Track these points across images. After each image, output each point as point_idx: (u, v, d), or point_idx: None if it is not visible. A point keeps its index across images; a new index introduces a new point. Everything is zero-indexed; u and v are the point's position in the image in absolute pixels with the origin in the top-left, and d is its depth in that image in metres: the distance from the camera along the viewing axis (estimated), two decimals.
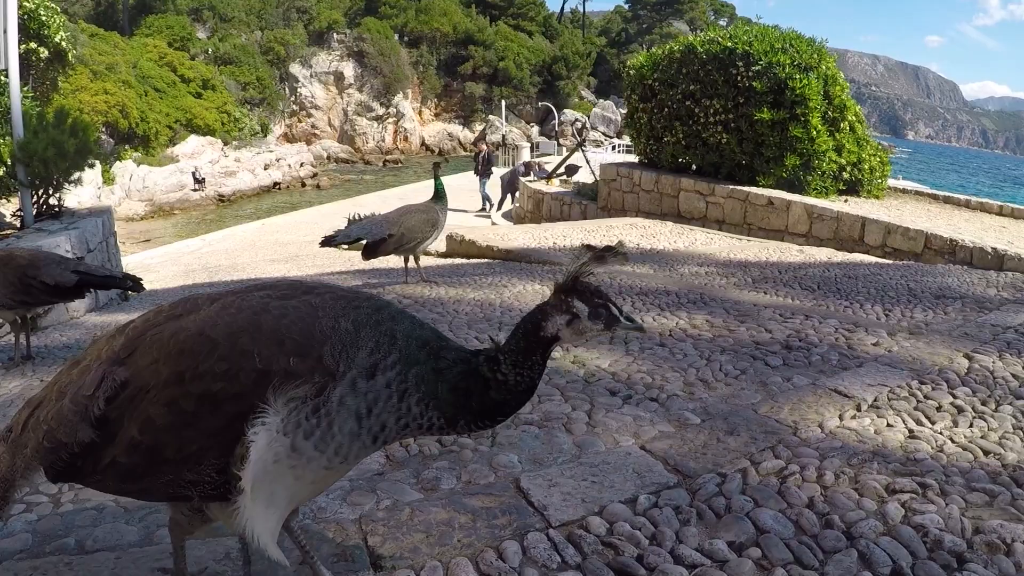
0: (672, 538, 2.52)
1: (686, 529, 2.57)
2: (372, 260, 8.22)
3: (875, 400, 3.83)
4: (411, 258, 8.11)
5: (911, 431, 3.48)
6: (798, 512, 2.67)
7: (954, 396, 3.97)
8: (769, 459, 3.08)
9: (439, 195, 8.02)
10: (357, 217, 8.03)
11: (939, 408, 3.79)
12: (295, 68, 67.14)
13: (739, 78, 15.32)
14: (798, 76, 14.93)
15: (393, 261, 9.10)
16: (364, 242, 7.73)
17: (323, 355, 1.78)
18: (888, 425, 3.54)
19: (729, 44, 15.77)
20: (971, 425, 3.60)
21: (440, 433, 1.98)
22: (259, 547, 1.88)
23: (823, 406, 3.69)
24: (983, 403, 3.90)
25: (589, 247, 1.88)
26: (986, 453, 3.28)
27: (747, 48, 15.48)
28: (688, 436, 3.34)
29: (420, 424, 1.89)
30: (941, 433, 3.48)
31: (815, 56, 15.78)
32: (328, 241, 7.72)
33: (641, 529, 2.57)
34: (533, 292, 7.27)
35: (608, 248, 1.88)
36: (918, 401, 3.87)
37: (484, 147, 30.73)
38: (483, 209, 27.58)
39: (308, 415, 1.75)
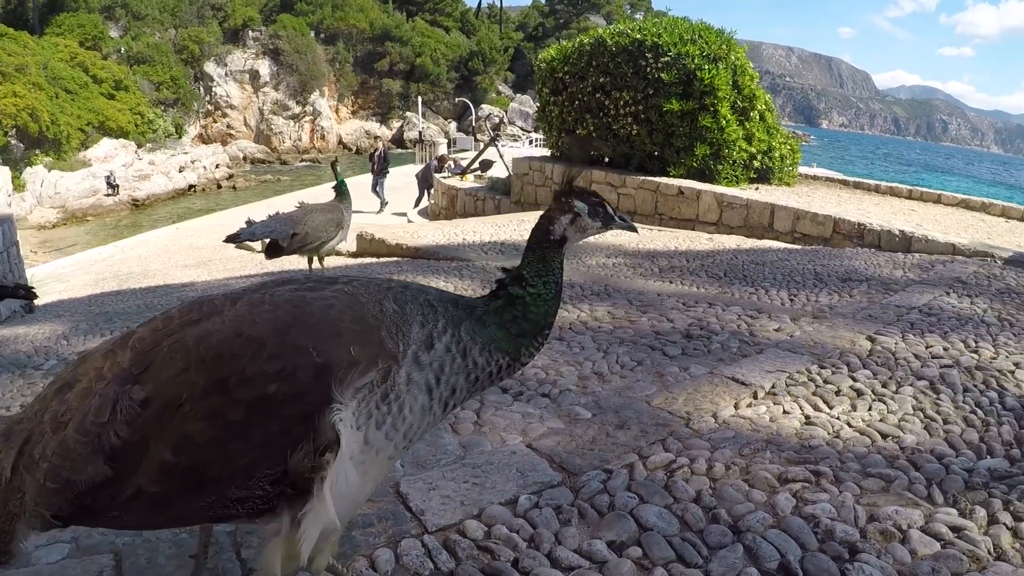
0: (551, 540, 2.43)
1: (566, 530, 2.48)
2: (277, 260, 8.03)
3: (773, 387, 3.79)
4: (315, 258, 7.93)
5: (808, 417, 3.44)
6: (684, 507, 2.60)
7: (854, 379, 3.96)
8: (658, 452, 3.01)
9: (342, 193, 7.87)
10: (251, 222, 7.83)
11: (838, 392, 3.77)
12: (210, 67, 66.13)
13: (648, 70, 15.38)
14: (707, 67, 15.02)
15: (302, 263, 8.89)
16: (268, 241, 7.57)
17: (383, 339, 1.73)
18: (784, 412, 3.50)
19: (638, 36, 15.83)
20: (870, 408, 3.58)
21: (508, 374, 1.99)
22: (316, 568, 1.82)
23: (719, 395, 3.62)
24: (884, 385, 3.90)
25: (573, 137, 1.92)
26: (884, 436, 3.27)
27: (656, 40, 15.53)
28: (577, 432, 3.24)
29: (489, 372, 1.92)
30: (839, 418, 3.45)
31: (724, 47, 15.90)
32: (233, 238, 7.54)
33: (519, 531, 2.48)
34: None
35: (587, 138, 1.97)
36: (817, 386, 3.85)
37: (380, 144, 29.74)
38: (380, 211, 26.88)
39: (378, 403, 1.70)
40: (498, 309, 1.96)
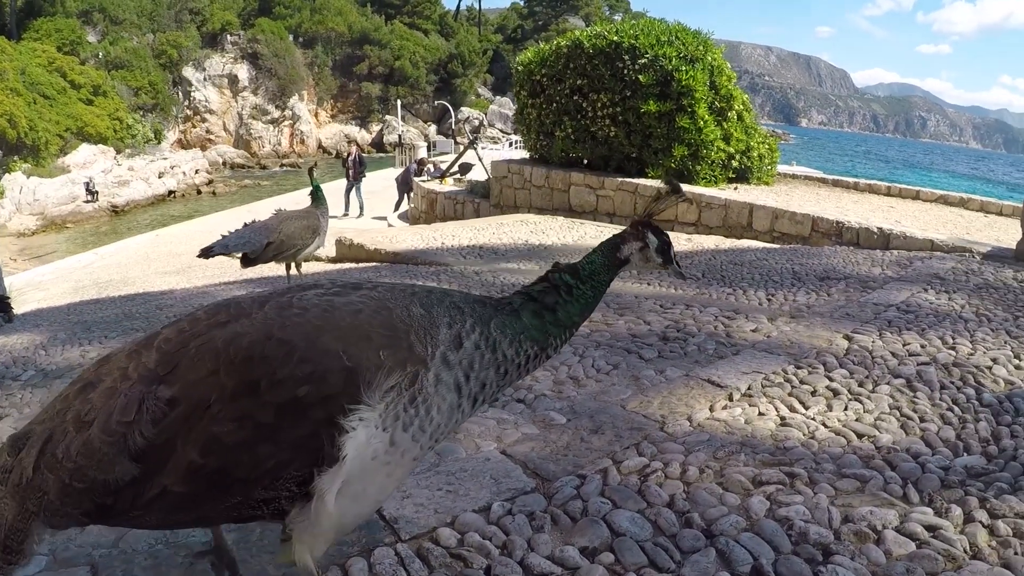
0: (523, 547, 2.40)
1: (539, 536, 2.46)
2: (255, 268, 7.95)
3: (748, 388, 3.78)
4: (292, 265, 7.86)
5: (783, 418, 3.43)
6: (657, 512, 2.58)
7: (830, 379, 3.96)
8: (632, 457, 2.99)
9: (318, 199, 7.81)
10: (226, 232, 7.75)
11: (814, 392, 3.76)
12: (188, 71, 65.63)
13: (626, 71, 15.42)
14: (684, 68, 15.09)
15: (281, 268, 8.83)
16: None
17: (412, 343, 1.75)
18: (760, 413, 3.49)
19: (615, 38, 15.86)
20: (846, 408, 3.58)
21: (535, 364, 2.00)
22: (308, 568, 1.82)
23: (694, 398, 3.61)
24: (860, 384, 3.90)
25: (656, 196, 2.14)
26: (860, 436, 3.27)
27: (633, 42, 15.57)
28: (551, 437, 3.22)
29: (518, 363, 1.94)
30: (814, 419, 3.44)
31: (701, 48, 15.98)
32: (207, 252, 7.42)
33: (492, 539, 2.45)
34: None
35: (672, 184, 2.15)
36: (793, 386, 3.84)
37: (354, 149, 29.19)
38: (348, 214, 26.49)
39: (406, 406, 1.71)
40: (541, 292, 2.01)
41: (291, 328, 1.71)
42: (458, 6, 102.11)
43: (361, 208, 26.57)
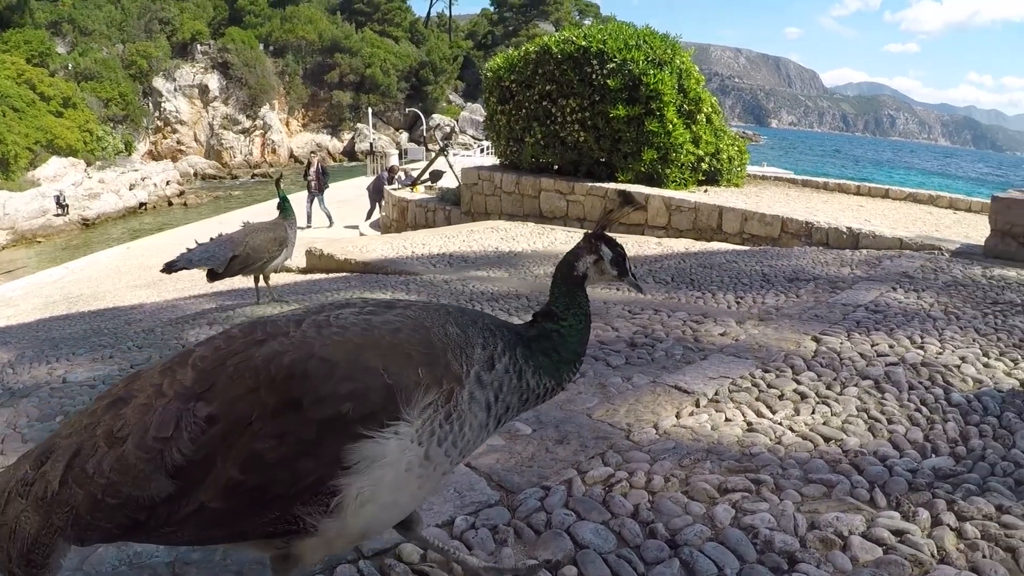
0: (486, 561, 2.36)
1: (502, 550, 2.44)
2: (227, 280, 7.88)
3: (716, 394, 3.76)
4: (260, 278, 7.79)
5: (750, 424, 3.41)
6: (621, 523, 2.55)
7: (798, 382, 3.94)
8: (597, 467, 2.96)
9: (286, 211, 7.75)
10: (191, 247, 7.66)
11: (781, 396, 3.75)
12: (159, 82, 65.14)
13: (594, 76, 15.46)
14: (652, 72, 15.13)
15: (248, 281, 8.77)
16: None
17: (449, 361, 1.81)
18: (727, 419, 3.46)
19: (583, 43, 15.89)
20: (813, 412, 3.56)
21: (551, 396, 2.10)
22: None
23: (661, 405, 3.58)
24: (828, 387, 3.89)
25: (618, 195, 2.21)
26: (827, 440, 3.24)
27: (601, 46, 15.61)
28: (517, 448, 3.18)
29: (538, 394, 2.03)
30: (781, 423, 3.42)
31: (669, 51, 16.04)
32: (170, 267, 7.33)
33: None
34: None
35: (624, 196, 2.21)
36: (760, 391, 3.82)
37: (316, 159, 28.60)
38: (310, 225, 25.75)
39: (441, 422, 1.77)
40: (535, 338, 2.05)
41: (332, 346, 1.74)
42: (428, 13, 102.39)
43: (330, 218, 26.21)
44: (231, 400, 1.68)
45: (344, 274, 10.78)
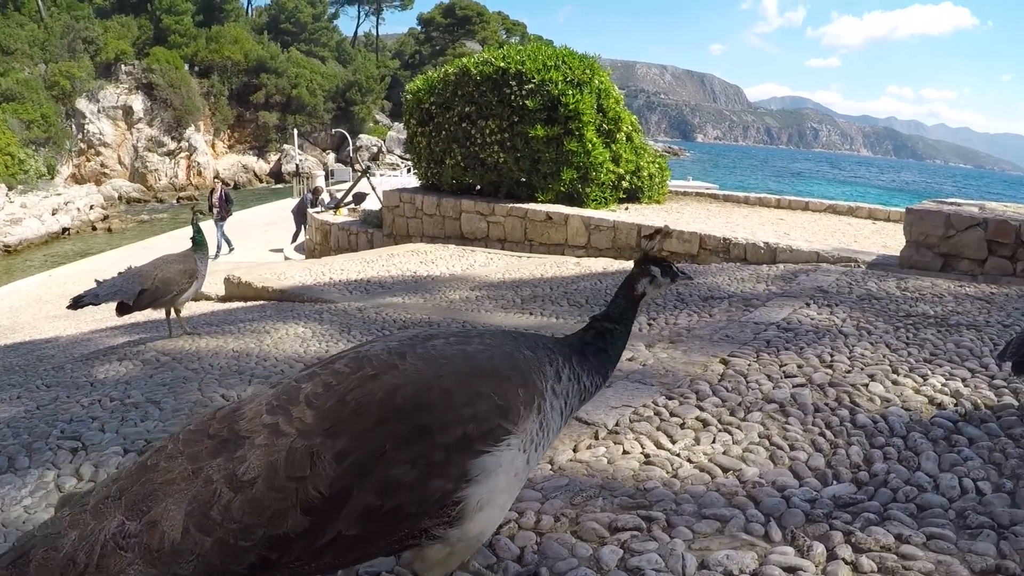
0: None
1: None
2: (144, 312, 7.69)
3: (616, 424, 3.67)
4: (172, 310, 7.62)
5: (648, 456, 3.33)
6: (505, 567, 2.48)
7: (701, 409, 3.88)
8: None
9: (198, 243, 7.59)
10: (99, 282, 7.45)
11: (683, 425, 3.67)
12: (82, 103, 63.65)
13: (513, 97, 15.45)
14: (571, 92, 15.18)
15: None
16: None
17: (534, 380, 2.06)
18: (624, 452, 3.38)
19: (502, 64, 15.90)
20: (714, 440, 3.49)
21: (599, 390, 2.40)
22: None
23: (559, 438, 3.46)
24: (732, 413, 3.82)
25: (649, 235, 2.58)
26: (725, 471, 3.17)
27: (520, 67, 15.63)
28: None
29: (591, 391, 2.33)
30: (679, 454, 3.34)
31: (588, 71, 16.09)
32: (77, 302, 7.11)
33: None
34: (294, 336, 6.95)
35: (657, 232, 2.93)
36: (662, 420, 3.75)
37: (219, 185, 27.94)
38: (230, 252, 25.52)
39: (536, 431, 2.03)
40: (590, 340, 2.36)
41: (447, 377, 1.94)
42: (356, 32, 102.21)
43: (229, 246, 25.58)
44: (360, 433, 1.80)
45: (261, 303, 10.59)
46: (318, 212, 23.53)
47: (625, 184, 16.59)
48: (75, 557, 1.65)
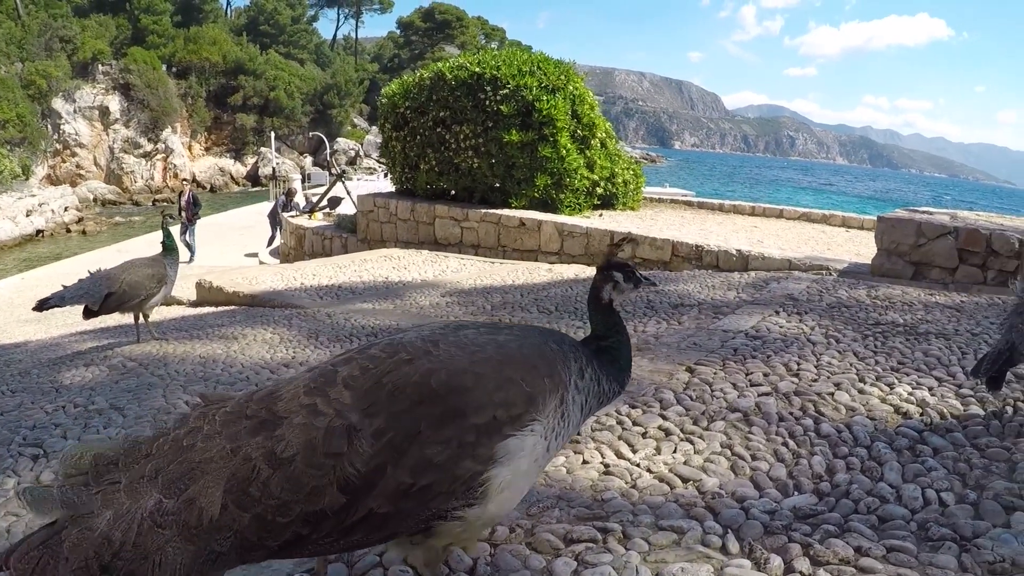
0: None
1: None
2: (113, 316, 7.60)
3: (578, 433, 3.60)
4: (140, 315, 7.54)
5: (607, 465, 3.30)
6: None
7: (664, 418, 3.85)
8: None
9: (168, 248, 7.53)
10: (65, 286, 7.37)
11: (645, 434, 3.65)
12: (58, 103, 62.97)
13: (488, 102, 15.48)
14: (545, 97, 15.23)
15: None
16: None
17: (559, 371, 2.14)
18: (584, 461, 3.35)
19: (477, 69, 15.93)
20: (675, 450, 3.47)
21: (616, 397, 2.45)
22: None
23: None
24: (695, 422, 3.80)
25: (617, 243, 2.60)
26: (685, 481, 3.14)
27: (495, 72, 15.67)
28: None
29: (608, 396, 2.38)
30: (639, 464, 3.31)
31: (563, 77, 16.14)
32: (42, 305, 7.04)
33: None
34: (261, 342, 6.91)
35: (624, 239, 2.83)
36: (624, 429, 3.72)
37: (187, 188, 27.66)
38: (191, 260, 24.35)
39: (559, 420, 2.11)
40: (600, 349, 2.39)
41: (480, 363, 2.02)
42: (335, 35, 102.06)
43: (191, 251, 24.92)
44: (397, 414, 1.88)
45: (231, 308, 10.51)
46: (293, 216, 23.39)
47: (599, 190, 16.63)
48: (111, 536, 1.69)
